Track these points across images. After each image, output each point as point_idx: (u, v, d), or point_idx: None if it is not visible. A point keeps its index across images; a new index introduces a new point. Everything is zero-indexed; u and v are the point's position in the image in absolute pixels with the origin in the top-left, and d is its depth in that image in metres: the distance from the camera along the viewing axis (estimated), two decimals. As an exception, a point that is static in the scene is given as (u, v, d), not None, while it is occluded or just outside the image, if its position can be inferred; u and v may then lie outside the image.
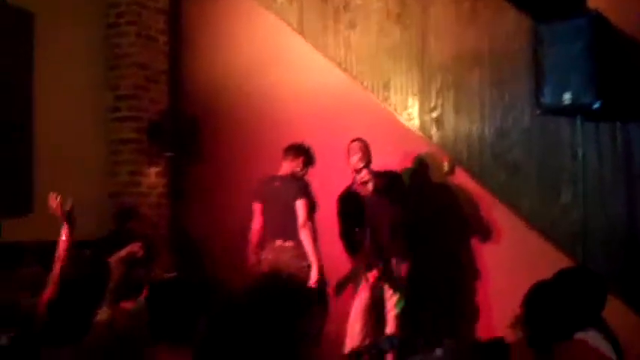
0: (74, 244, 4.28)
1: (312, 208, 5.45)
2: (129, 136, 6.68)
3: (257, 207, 5.63)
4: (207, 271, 6.30)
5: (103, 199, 6.56)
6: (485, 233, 5.58)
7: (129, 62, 6.77)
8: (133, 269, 5.42)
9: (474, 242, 5.64)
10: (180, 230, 6.82)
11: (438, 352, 4.04)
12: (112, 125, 6.72)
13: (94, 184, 6.52)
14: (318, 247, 5.37)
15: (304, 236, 5.31)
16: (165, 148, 6.64)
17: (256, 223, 5.62)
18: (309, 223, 5.37)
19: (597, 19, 4.84)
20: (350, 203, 5.44)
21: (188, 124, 6.74)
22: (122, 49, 6.79)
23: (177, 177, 6.94)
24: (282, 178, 5.56)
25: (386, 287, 5.33)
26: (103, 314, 5.02)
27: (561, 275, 3.39)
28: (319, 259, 5.32)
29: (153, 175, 6.79)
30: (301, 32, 6.36)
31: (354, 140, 5.45)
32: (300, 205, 5.37)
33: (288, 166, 5.59)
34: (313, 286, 5.19)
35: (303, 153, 5.62)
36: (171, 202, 6.94)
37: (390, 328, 5.24)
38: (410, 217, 5.40)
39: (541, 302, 3.29)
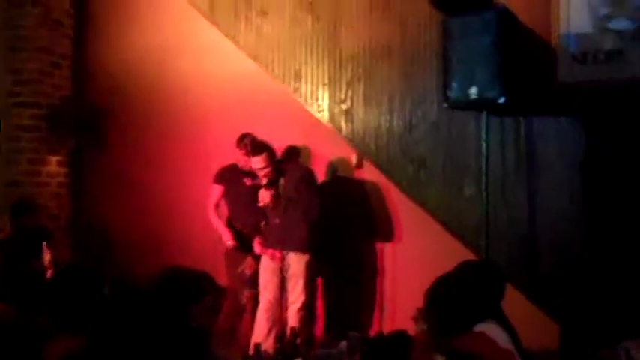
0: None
1: None
2: (29, 122, 6.41)
3: None
4: (110, 261, 6.11)
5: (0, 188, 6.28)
6: (390, 226, 5.61)
7: (31, 46, 6.50)
8: (30, 261, 5.27)
9: (380, 235, 5.66)
10: (81, 221, 6.60)
11: (343, 344, 4.03)
12: (11, 111, 6.42)
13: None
14: None
15: None
16: (66, 136, 6.40)
17: None
18: None
19: (504, 14, 4.90)
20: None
21: (91, 111, 6.53)
22: (25, 32, 6.51)
23: (80, 166, 6.71)
24: None
25: (287, 279, 5.29)
26: None
27: (460, 267, 3.40)
28: None
29: (54, 164, 6.53)
30: (212, 18, 6.23)
31: (254, 153, 5.35)
32: None
33: None
34: None
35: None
36: (73, 193, 6.69)
37: (292, 321, 5.19)
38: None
39: (441, 294, 3.29)
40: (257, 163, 5.32)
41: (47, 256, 5.29)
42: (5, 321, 4.41)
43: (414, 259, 5.41)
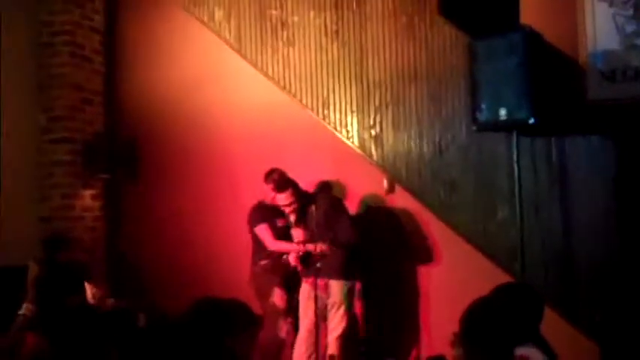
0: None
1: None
2: (62, 158, 6.48)
3: None
4: (145, 293, 6.15)
5: (34, 224, 6.35)
6: (425, 251, 5.58)
7: (63, 83, 6.60)
8: (67, 297, 5.32)
9: (414, 260, 5.63)
10: (117, 255, 6.66)
11: (381, 371, 4.02)
12: (44, 147, 6.52)
13: (25, 207, 6.31)
14: None
15: None
16: (100, 170, 6.47)
17: None
18: None
19: (531, 35, 4.89)
20: None
21: (124, 145, 6.60)
22: (56, 69, 6.62)
23: (114, 200, 6.78)
24: None
25: (328, 307, 5.27)
26: (24, 309, 4.98)
27: (498, 291, 3.38)
28: None
29: (88, 198, 6.60)
30: (239, 50, 6.31)
31: (279, 190, 5.38)
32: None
33: None
34: None
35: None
36: (108, 226, 6.76)
37: (331, 349, 5.18)
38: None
39: (479, 319, 3.26)
40: (282, 199, 5.38)
41: (93, 292, 5.35)
42: (39, 354, 4.48)
43: (447, 282, 5.37)
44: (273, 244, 5.49)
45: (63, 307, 5.12)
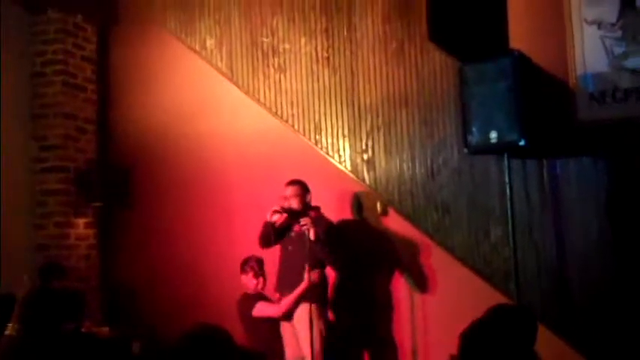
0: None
1: None
2: (55, 186, 6.48)
3: None
4: (141, 322, 6.12)
5: (29, 253, 6.33)
6: (419, 274, 5.59)
7: (55, 112, 6.61)
8: (62, 323, 5.27)
9: (409, 283, 5.63)
10: (111, 282, 6.64)
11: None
12: (37, 176, 6.53)
13: (19, 237, 6.30)
14: None
15: None
16: (93, 198, 6.47)
17: None
18: None
19: (520, 59, 4.94)
20: None
21: (117, 173, 6.61)
22: (48, 99, 6.63)
23: (108, 227, 6.77)
24: None
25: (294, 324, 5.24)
26: (10, 329, 4.89)
27: (492, 312, 3.39)
28: None
29: (81, 227, 6.60)
30: (231, 77, 6.35)
31: (289, 184, 5.39)
32: None
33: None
34: None
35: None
36: (102, 254, 6.74)
37: None
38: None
39: (475, 340, 3.27)
40: (288, 190, 5.35)
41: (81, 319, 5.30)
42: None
43: (443, 304, 5.37)
44: (279, 309, 5.35)
45: (56, 334, 5.08)
